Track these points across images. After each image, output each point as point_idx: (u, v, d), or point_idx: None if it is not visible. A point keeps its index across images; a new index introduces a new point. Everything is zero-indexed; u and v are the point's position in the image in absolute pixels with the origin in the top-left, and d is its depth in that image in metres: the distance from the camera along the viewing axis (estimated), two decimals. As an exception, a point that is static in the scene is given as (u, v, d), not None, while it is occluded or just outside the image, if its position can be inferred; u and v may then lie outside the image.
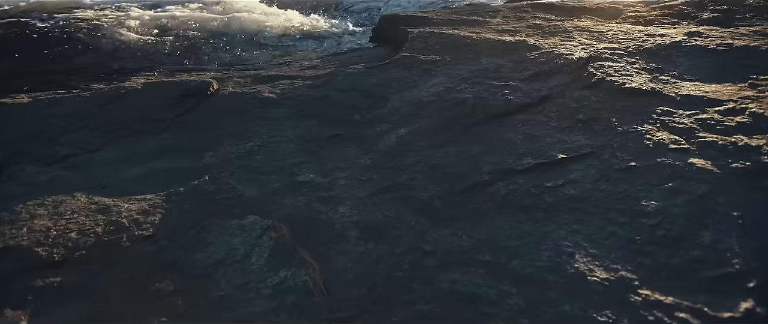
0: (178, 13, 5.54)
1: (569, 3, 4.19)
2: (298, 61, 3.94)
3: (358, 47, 4.44)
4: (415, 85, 2.67)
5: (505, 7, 4.24)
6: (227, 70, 3.80)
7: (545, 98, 2.33)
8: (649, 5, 3.91)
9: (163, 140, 2.64)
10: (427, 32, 3.38)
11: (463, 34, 3.27)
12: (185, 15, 5.51)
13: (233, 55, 4.43)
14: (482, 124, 2.20)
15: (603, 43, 2.91)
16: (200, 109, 2.88)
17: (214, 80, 3.09)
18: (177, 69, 3.86)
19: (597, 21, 3.59)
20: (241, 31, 5.08)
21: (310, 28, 5.29)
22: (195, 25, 5.22)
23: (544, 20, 3.65)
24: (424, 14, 4.10)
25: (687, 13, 3.58)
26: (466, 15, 4.01)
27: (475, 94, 2.40)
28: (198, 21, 5.38)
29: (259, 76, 3.25)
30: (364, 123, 2.47)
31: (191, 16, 5.47)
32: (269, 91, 2.94)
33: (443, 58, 2.90)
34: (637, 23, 3.49)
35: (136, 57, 4.37)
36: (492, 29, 3.42)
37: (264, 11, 5.85)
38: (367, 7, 6.41)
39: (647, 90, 2.25)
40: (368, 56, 3.72)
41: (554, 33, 3.20)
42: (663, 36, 2.91)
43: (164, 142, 2.63)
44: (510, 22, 3.68)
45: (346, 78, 2.94)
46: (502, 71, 2.62)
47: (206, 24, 5.26)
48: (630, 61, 2.60)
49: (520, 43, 2.93)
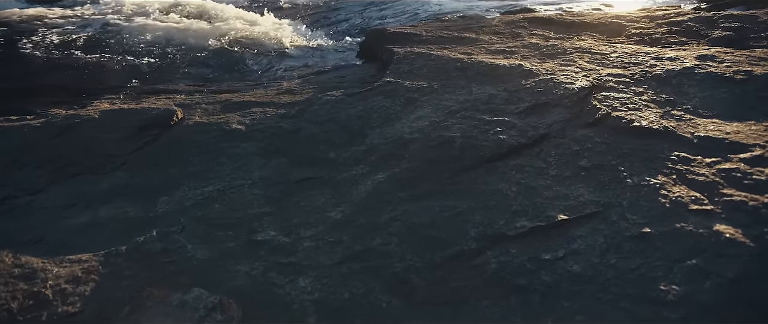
0: (157, 24, 5.25)
1: (568, 18, 3.92)
2: (277, 81, 3.65)
3: (343, 65, 4.16)
4: (398, 117, 2.39)
5: (501, 21, 3.97)
6: (199, 91, 3.51)
7: (543, 138, 2.05)
8: (654, 21, 3.64)
9: (115, 180, 2.36)
10: (415, 53, 3.10)
11: (453, 55, 2.99)
12: (163, 26, 5.22)
13: (210, 73, 4.15)
14: (470, 171, 1.92)
15: (606, 67, 2.63)
16: (161, 142, 2.60)
17: (178, 109, 2.81)
18: (146, 91, 3.57)
19: (598, 40, 3.32)
20: (223, 46, 4.79)
21: (297, 41, 5.01)
22: (173, 39, 4.93)
23: (542, 38, 3.37)
24: (414, 30, 3.83)
25: (696, 30, 3.31)
26: (457, 31, 3.74)
27: (464, 131, 2.12)
28: (177, 34, 5.09)
29: (230, 102, 2.97)
30: (338, 163, 2.18)
31: (169, 28, 5.18)
32: (238, 122, 2.65)
33: (430, 85, 2.62)
34: (643, 42, 3.22)
35: (106, 74, 4.08)
36: (485, 49, 3.14)
37: (251, 21, 5.57)
38: (360, 16, 6.13)
39: (659, 129, 1.97)
40: (351, 77, 3.44)
41: (552, 54, 2.92)
42: (672, 60, 2.64)
43: (117, 182, 2.34)
44: (505, 40, 3.40)
45: (323, 107, 2.66)
46: (495, 103, 2.35)
47: (185, 38, 4.97)
48: (637, 90, 2.33)
49: (515, 68, 2.65)
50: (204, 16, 5.60)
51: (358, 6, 6.60)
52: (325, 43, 4.96)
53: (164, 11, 5.73)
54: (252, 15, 5.81)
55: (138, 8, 5.93)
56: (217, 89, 3.61)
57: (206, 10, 5.80)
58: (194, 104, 2.99)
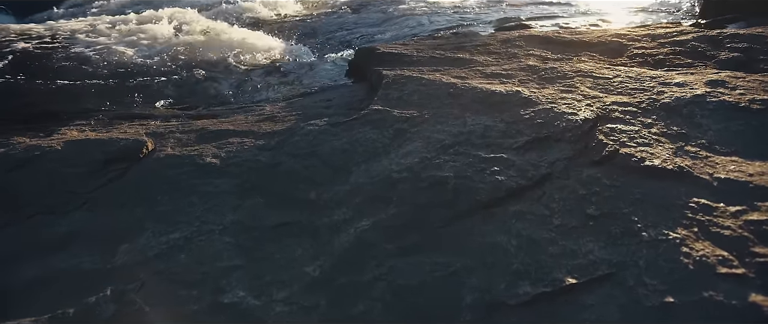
0: (136, 41, 5.04)
1: (566, 36, 3.74)
2: (260, 104, 3.45)
3: (331, 85, 3.96)
4: (386, 152, 2.19)
5: (496, 40, 3.79)
6: (177, 116, 3.30)
7: (545, 178, 1.85)
8: (656, 40, 3.47)
9: (74, 222, 2.13)
10: (405, 76, 2.90)
11: (446, 79, 2.79)
12: (144, 44, 5.01)
13: (191, 94, 3.94)
14: (465, 218, 1.72)
15: (611, 95, 2.44)
16: (128, 177, 2.38)
17: (149, 139, 2.59)
18: (120, 115, 3.35)
19: (600, 61, 3.14)
20: (209, 64, 4.58)
21: (286, 58, 4.81)
22: (154, 58, 4.72)
23: (540, 60, 3.19)
24: (404, 49, 3.64)
25: (701, 51, 3.14)
26: (450, 50, 3.55)
27: (458, 171, 1.92)
28: (158, 52, 4.88)
29: (207, 130, 2.75)
30: (319, 206, 1.97)
31: (151, 46, 4.98)
32: (213, 155, 2.44)
33: (421, 114, 2.42)
34: (646, 64, 3.05)
35: (79, 97, 3.86)
36: (479, 72, 2.95)
37: (240, 38, 5.36)
38: (350, 32, 5.94)
39: (673, 170, 1.77)
40: (338, 101, 3.24)
41: (552, 79, 2.73)
42: (681, 86, 2.46)
43: (76, 225, 2.12)
44: (500, 61, 3.22)
45: (304, 138, 2.45)
46: (491, 136, 2.15)
47: (168, 56, 4.76)
48: (645, 122, 2.14)
49: (513, 95, 2.46)
50: (190, 33, 5.40)
51: (349, 21, 6.43)
52: (315, 60, 4.76)
53: (144, 27, 5.52)
54: (241, 31, 5.61)
55: (117, 25, 5.72)
56: (196, 114, 3.40)
57: (192, 26, 5.59)
58: (168, 133, 2.78)
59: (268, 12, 6.95)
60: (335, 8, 7.27)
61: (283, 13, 6.97)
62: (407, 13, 6.47)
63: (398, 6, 6.83)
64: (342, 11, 7.01)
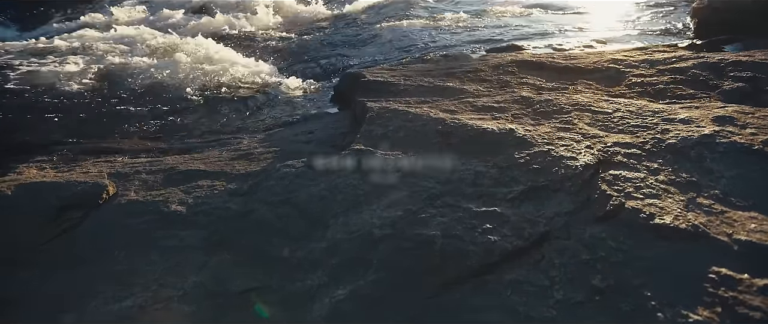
0: (113, 64, 4.82)
1: (560, 61, 3.57)
2: (238, 136, 3.24)
3: (314, 113, 3.77)
4: (367, 201, 1.99)
5: (487, 65, 3.61)
6: (147, 151, 3.08)
7: (543, 238, 1.65)
8: (655, 67, 3.31)
9: (17, 284, 1.91)
10: (390, 110, 2.71)
11: (434, 113, 2.60)
12: (119, 66, 4.79)
13: (166, 124, 3.72)
14: (454, 287, 1.51)
15: (611, 133, 2.26)
16: (85, 227, 2.16)
17: (110, 183, 2.38)
18: (86, 149, 3.13)
19: (597, 91, 2.97)
20: (187, 90, 4.37)
21: (269, 82, 4.61)
22: (130, 82, 4.50)
23: (534, 89, 3.01)
24: (392, 76, 3.45)
25: (703, 80, 2.97)
26: (440, 78, 3.37)
27: (446, 229, 1.72)
28: (135, 76, 4.66)
29: (176, 171, 2.54)
30: (292, 266, 1.76)
31: (127, 68, 4.75)
32: (179, 201, 2.23)
33: (407, 156, 2.23)
34: (646, 94, 2.87)
35: (46, 127, 3.64)
36: (470, 105, 2.76)
37: (224, 61, 5.15)
38: (338, 54, 5.75)
39: (687, 229, 1.58)
40: (320, 133, 3.04)
41: (547, 113, 2.55)
42: (686, 123, 2.28)
43: (19, 287, 1.90)
44: (492, 91, 3.04)
45: (280, 182, 2.24)
46: (483, 184, 1.95)
47: (144, 81, 4.54)
48: (651, 167, 1.95)
49: (506, 135, 2.27)
50: (167, 54, 5.19)
51: (336, 40, 6.25)
52: (300, 85, 4.56)
53: (122, 49, 5.31)
54: (222, 52, 5.41)
55: (96, 45, 5.50)
56: (168, 147, 3.18)
57: (173, 48, 5.39)
58: (133, 173, 2.56)
59: (251, 30, 6.75)
60: (322, 26, 7.10)
61: (266, 32, 6.78)
62: (397, 32, 6.30)
63: (387, 24, 6.67)
64: (329, 29, 6.84)
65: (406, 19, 6.79)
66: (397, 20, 6.84)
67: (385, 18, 7.07)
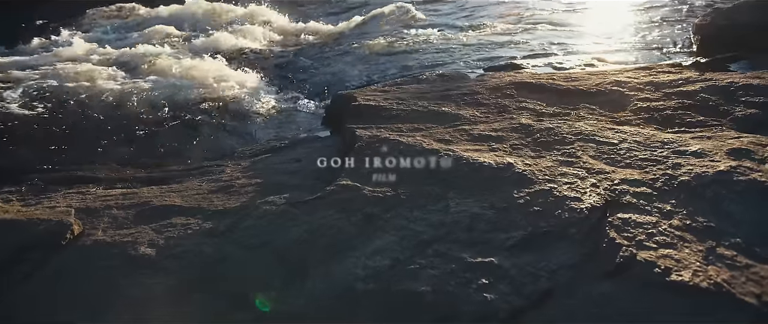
0: (95, 84, 4.65)
1: (561, 83, 3.42)
2: (222, 163, 3.06)
3: (303, 137, 3.60)
4: (352, 247, 1.81)
5: (485, 87, 3.45)
6: (123, 179, 2.91)
7: (546, 296, 1.47)
8: (660, 89, 3.15)
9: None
10: (381, 139, 2.54)
11: (427, 143, 2.43)
12: (103, 88, 4.62)
13: (149, 147, 3.55)
14: (446, 358, 1.33)
15: (618, 168, 2.09)
16: (44, 273, 1.97)
17: (76, 221, 2.19)
18: (58, 178, 2.96)
19: (601, 117, 2.80)
20: (174, 110, 4.21)
21: (260, 102, 4.44)
22: (114, 102, 4.34)
23: (533, 115, 2.85)
24: (385, 99, 3.29)
25: (713, 105, 2.81)
26: (435, 101, 3.20)
27: (437, 283, 1.54)
28: (120, 96, 4.49)
29: (149, 206, 2.36)
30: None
31: (111, 89, 4.58)
32: (149, 242, 2.05)
33: (396, 194, 2.05)
34: (653, 121, 2.71)
35: (20, 149, 3.47)
36: (466, 133, 2.59)
37: (214, 78, 4.97)
38: (333, 71, 5.60)
39: (708, 288, 1.40)
40: (307, 162, 2.86)
41: (548, 144, 2.38)
42: (699, 156, 2.11)
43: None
44: (490, 117, 2.87)
45: (259, 221, 2.06)
46: (479, 229, 1.77)
47: (130, 100, 4.38)
48: (664, 209, 1.78)
49: (504, 170, 2.09)
50: (156, 72, 5.03)
51: (330, 56, 6.10)
52: (291, 106, 4.40)
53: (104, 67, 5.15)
54: (212, 68, 5.25)
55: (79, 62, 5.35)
56: (146, 176, 3.01)
57: (160, 66, 5.23)
58: (104, 208, 2.38)
59: (243, 47, 6.60)
60: (316, 43, 6.96)
61: (258, 49, 6.63)
62: (393, 49, 6.16)
63: (384, 41, 6.53)
64: (324, 47, 6.70)
65: (403, 36, 6.65)
66: (393, 37, 6.71)
67: (381, 34, 6.93)
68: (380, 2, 8.97)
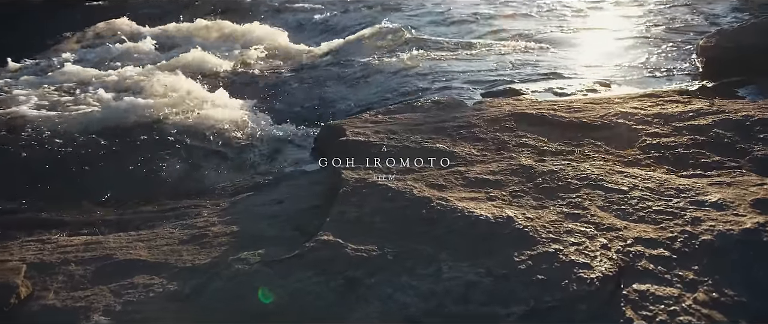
0: (69, 110, 4.42)
1: (563, 114, 3.21)
2: (197, 206, 2.83)
3: (290, 171, 3.39)
4: (330, 317, 1.58)
5: (482, 118, 3.24)
6: (91, 224, 2.68)
7: (554, 397, 1.24)
8: (670, 123, 2.94)
9: None
10: (368, 183, 2.32)
11: (419, 189, 2.21)
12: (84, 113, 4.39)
13: (124, 184, 3.32)
14: None
15: (631, 222, 1.87)
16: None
17: (23, 283, 1.96)
18: (23, 221, 2.73)
19: (608, 156, 2.58)
20: (154, 137, 3.99)
21: (247, 130, 4.21)
22: (92, 127, 4.11)
23: (535, 153, 2.63)
24: (375, 132, 3.08)
25: (729, 143, 2.60)
26: (429, 134, 3.00)
27: (425, 378, 1.31)
28: (99, 119, 4.26)
29: (112, 259, 2.14)
30: None
31: (80, 111, 4.32)
32: (105, 308, 1.82)
33: (382, 253, 1.83)
34: (665, 161, 2.49)
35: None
36: (461, 177, 2.38)
37: (194, 100, 4.75)
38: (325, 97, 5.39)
39: (748, 391, 1.18)
40: (290, 204, 2.64)
41: (552, 190, 2.16)
42: (720, 208, 1.89)
43: None
44: (488, 155, 2.66)
45: (229, 283, 1.84)
46: (474, 300, 1.55)
47: (111, 124, 4.16)
48: (686, 279, 1.55)
49: (503, 225, 1.87)
50: (141, 95, 4.81)
51: (322, 77, 5.90)
52: (278, 135, 4.18)
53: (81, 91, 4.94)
54: (198, 91, 5.01)
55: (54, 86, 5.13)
56: (116, 219, 2.78)
57: (139, 87, 5.01)
58: (61, 263, 2.15)
59: (231, 68, 6.38)
60: (309, 63, 6.76)
61: (249, 68, 6.42)
62: (388, 70, 5.95)
63: (378, 61, 6.34)
64: (317, 67, 6.50)
65: (396, 56, 6.46)
66: (388, 57, 6.52)
67: (376, 54, 6.74)
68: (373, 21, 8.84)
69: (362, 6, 10.44)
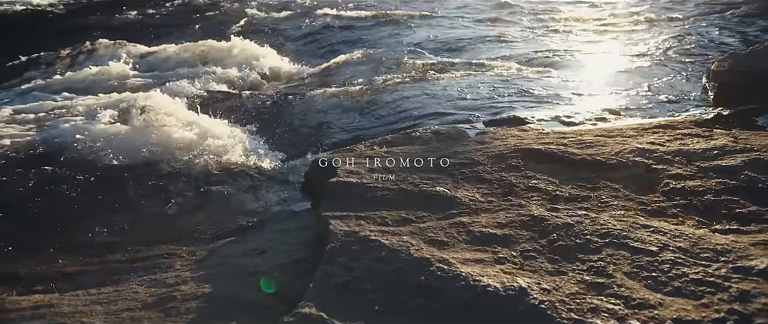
0: (38, 141, 4.12)
1: (574, 151, 2.94)
2: (170, 257, 2.55)
3: (275, 212, 3.11)
4: None
5: (486, 154, 2.97)
6: (46, 281, 2.39)
7: None
8: (693, 162, 2.67)
9: None
10: (359, 239, 2.04)
11: (416, 248, 1.93)
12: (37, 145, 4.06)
13: (85, 229, 2.97)
14: None
15: (666, 296, 1.58)
16: None
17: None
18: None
19: (629, 203, 2.31)
20: (128, 169, 3.71)
21: (233, 162, 3.92)
22: (54, 156, 3.80)
23: (547, 200, 2.36)
24: (369, 170, 2.81)
25: (763, 187, 2.33)
26: (428, 174, 2.72)
27: None
28: (64, 149, 3.94)
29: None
30: None
31: (51, 141, 4.03)
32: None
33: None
34: (693, 210, 2.22)
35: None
36: (465, 230, 2.09)
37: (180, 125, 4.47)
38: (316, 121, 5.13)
39: None
40: (273, 255, 2.36)
41: (569, 250, 1.88)
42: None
43: None
44: (494, 202, 2.38)
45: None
46: None
47: (82, 157, 3.87)
48: (742, 377, 1.27)
49: (514, 298, 1.59)
50: (111, 121, 4.50)
51: (318, 105, 5.64)
52: (267, 165, 3.91)
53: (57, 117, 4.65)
54: (185, 116, 4.72)
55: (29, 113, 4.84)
56: (78, 270, 2.50)
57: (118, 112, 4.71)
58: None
59: (218, 89, 6.11)
60: (302, 85, 6.52)
61: (240, 90, 6.16)
62: (385, 94, 5.68)
63: (376, 84, 6.09)
64: (311, 90, 6.25)
65: (394, 78, 6.22)
66: (386, 78, 6.28)
67: (374, 75, 6.50)
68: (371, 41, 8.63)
69: (360, 24, 10.26)
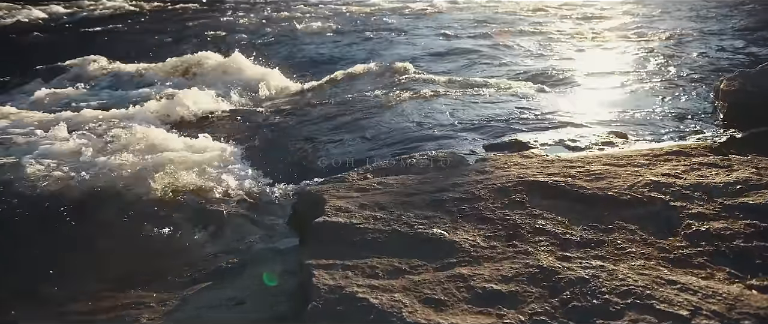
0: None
1: (583, 184, 2.71)
2: (137, 307, 2.29)
3: (258, 252, 2.86)
4: None
5: (488, 187, 2.73)
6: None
7: None
8: (715, 199, 2.44)
9: None
10: (345, 295, 1.79)
11: (410, 310, 1.68)
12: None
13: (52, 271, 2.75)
14: None
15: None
16: None
17: None
18: None
19: (649, 250, 2.06)
20: (103, 200, 3.46)
21: (213, 187, 3.69)
22: (25, 188, 3.57)
23: (556, 246, 2.11)
24: (359, 206, 2.56)
25: (798, 232, 2.09)
26: (423, 211, 2.48)
27: None
28: (36, 181, 3.71)
29: None
30: None
31: (20, 171, 3.79)
32: None
33: None
34: (723, 259, 1.98)
35: None
36: (464, 285, 1.84)
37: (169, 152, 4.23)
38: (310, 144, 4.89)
39: None
40: (251, 308, 2.11)
41: (586, 313, 1.63)
42: (825, 356, 1.36)
43: None
44: (497, 248, 2.13)
45: None
46: None
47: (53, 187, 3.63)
48: None
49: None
50: (91, 147, 4.26)
51: (310, 126, 5.41)
52: (253, 193, 3.67)
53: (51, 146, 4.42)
54: (169, 144, 4.49)
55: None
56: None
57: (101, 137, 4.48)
58: None
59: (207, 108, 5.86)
60: (292, 103, 6.29)
61: (226, 109, 5.92)
62: (380, 114, 5.47)
63: (371, 104, 5.87)
64: (300, 107, 6.03)
65: (393, 96, 6.00)
66: (382, 96, 6.07)
67: (369, 93, 6.29)
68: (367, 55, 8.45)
69: (356, 38, 10.10)
